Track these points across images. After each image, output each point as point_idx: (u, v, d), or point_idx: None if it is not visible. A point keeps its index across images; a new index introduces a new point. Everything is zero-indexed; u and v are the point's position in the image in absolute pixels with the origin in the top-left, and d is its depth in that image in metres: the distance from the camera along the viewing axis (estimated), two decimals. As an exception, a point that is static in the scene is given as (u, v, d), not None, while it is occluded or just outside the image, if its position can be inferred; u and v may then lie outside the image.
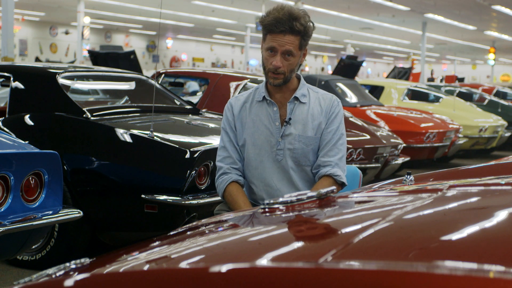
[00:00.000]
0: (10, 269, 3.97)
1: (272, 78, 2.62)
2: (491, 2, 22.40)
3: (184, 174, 3.72)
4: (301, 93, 2.70)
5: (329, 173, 2.64)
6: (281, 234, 1.37)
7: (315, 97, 2.73)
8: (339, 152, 2.68)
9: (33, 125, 4.25)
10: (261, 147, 2.69)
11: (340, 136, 2.71)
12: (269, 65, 2.61)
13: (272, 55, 2.59)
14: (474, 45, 37.51)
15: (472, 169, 2.58)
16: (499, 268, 0.91)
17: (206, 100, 6.24)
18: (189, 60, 39.56)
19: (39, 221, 3.10)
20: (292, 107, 2.69)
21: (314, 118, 2.69)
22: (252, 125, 2.71)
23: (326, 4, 23.88)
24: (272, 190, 2.70)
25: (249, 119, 2.72)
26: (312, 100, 2.71)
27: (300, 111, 2.69)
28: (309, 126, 2.68)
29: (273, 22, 2.55)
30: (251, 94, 2.77)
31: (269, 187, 2.71)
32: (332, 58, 49.29)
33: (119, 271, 1.23)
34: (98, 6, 25.78)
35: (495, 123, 10.55)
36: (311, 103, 2.71)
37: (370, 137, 6.52)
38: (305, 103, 2.70)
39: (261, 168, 2.70)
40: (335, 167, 2.65)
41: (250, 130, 2.71)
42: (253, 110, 2.73)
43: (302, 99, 2.70)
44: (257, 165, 2.71)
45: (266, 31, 2.59)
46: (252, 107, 2.73)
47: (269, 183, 2.70)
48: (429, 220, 1.29)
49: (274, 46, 2.57)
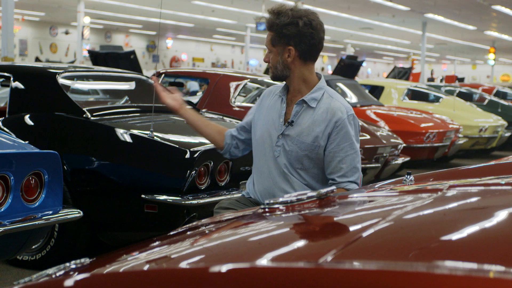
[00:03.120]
0: (10, 269, 3.97)
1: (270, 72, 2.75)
2: (491, 2, 22.39)
3: (184, 174, 3.72)
4: (311, 97, 2.66)
5: (347, 187, 2.63)
6: (281, 234, 1.37)
7: (326, 103, 2.65)
8: (357, 171, 2.65)
9: (33, 125, 4.25)
10: (265, 138, 2.74)
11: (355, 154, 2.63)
12: None
13: None
14: (474, 45, 37.50)
15: (472, 169, 2.57)
16: (499, 268, 0.91)
17: (206, 100, 6.24)
18: (189, 60, 39.55)
19: (39, 221, 3.10)
20: (298, 109, 2.67)
21: (315, 125, 2.63)
22: (265, 115, 2.77)
23: (326, 4, 23.88)
24: (270, 184, 2.72)
25: (265, 109, 2.79)
26: (322, 106, 2.64)
27: (305, 115, 2.66)
28: (309, 132, 2.64)
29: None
30: (280, 87, 2.81)
31: (266, 181, 2.74)
32: (332, 58, 49.27)
33: (119, 271, 1.23)
34: (98, 6, 25.78)
35: (495, 123, 10.55)
36: (319, 109, 2.64)
37: (370, 137, 6.51)
38: (313, 107, 2.65)
39: (264, 160, 2.75)
40: (353, 184, 2.65)
41: (262, 119, 2.78)
42: (271, 102, 2.79)
43: (311, 103, 2.65)
44: (260, 155, 2.76)
45: None
46: (272, 99, 2.79)
47: (267, 175, 2.74)
48: (429, 220, 1.29)
49: None
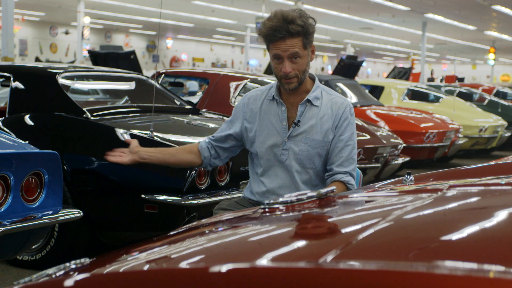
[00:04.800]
0: (10, 269, 3.97)
1: (286, 84, 2.65)
2: (491, 2, 22.40)
3: (184, 174, 3.72)
4: (314, 96, 2.70)
5: (343, 180, 2.67)
6: (281, 234, 1.37)
7: (327, 99, 2.72)
8: (354, 163, 2.71)
9: (33, 125, 4.24)
10: (267, 146, 2.72)
11: (354, 146, 2.72)
12: (279, 73, 2.63)
13: (279, 62, 2.62)
14: (474, 45, 37.51)
15: (472, 169, 2.57)
16: (499, 268, 0.91)
17: (206, 100, 6.24)
18: (189, 60, 39.54)
19: (39, 221, 3.10)
20: (303, 109, 2.70)
21: (323, 121, 2.69)
22: (261, 123, 2.75)
23: (326, 4, 23.88)
24: (274, 189, 2.72)
25: (259, 116, 2.76)
26: (324, 103, 2.71)
27: (311, 113, 2.69)
28: (317, 129, 2.68)
29: (270, 31, 2.58)
30: (266, 91, 2.79)
31: (272, 185, 2.73)
32: (332, 58, 49.27)
33: (119, 271, 1.23)
34: (98, 6, 25.78)
35: (495, 123, 10.55)
36: (322, 106, 2.70)
37: (370, 137, 6.51)
38: (317, 106, 2.70)
39: (266, 166, 2.74)
40: (349, 176, 2.69)
41: (259, 127, 2.75)
42: (264, 107, 2.76)
43: (315, 102, 2.70)
44: (263, 163, 2.74)
45: (267, 41, 2.62)
46: (264, 104, 2.77)
47: (273, 181, 2.73)
48: (429, 220, 1.29)
49: (278, 53, 2.60)
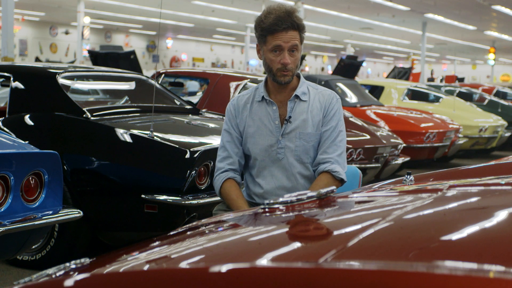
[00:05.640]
0: (10, 269, 3.97)
1: (282, 76, 2.64)
2: (491, 2, 22.39)
3: (184, 174, 3.72)
4: (301, 91, 2.72)
5: (327, 169, 2.66)
6: (281, 234, 1.37)
7: (314, 93, 2.75)
8: (338, 149, 2.70)
9: (33, 125, 4.24)
10: (262, 147, 2.71)
11: (339, 133, 2.72)
12: (277, 65, 2.62)
13: (277, 55, 2.61)
14: (474, 45, 37.49)
15: (472, 169, 2.57)
16: (499, 268, 0.91)
17: (206, 100, 6.24)
18: (189, 60, 39.53)
19: (39, 221, 3.10)
20: (293, 105, 2.72)
21: (314, 115, 2.71)
22: (253, 125, 2.74)
23: (326, 4, 23.85)
24: (272, 189, 2.71)
25: (249, 119, 2.75)
26: (312, 97, 2.74)
27: (301, 108, 2.71)
28: (309, 123, 2.70)
29: (275, 21, 2.57)
30: (252, 94, 2.79)
31: (269, 186, 2.72)
32: (332, 58, 49.27)
33: (119, 271, 1.23)
34: (98, 6, 25.77)
35: (495, 123, 10.55)
36: (311, 101, 2.73)
37: (370, 137, 6.52)
38: (305, 101, 2.72)
39: (262, 167, 2.73)
40: (334, 163, 2.67)
41: (251, 130, 2.74)
42: (253, 110, 2.75)
43: (303, 97, 2.72)
44: (258, 164, 2.73)
45: (267, 32, 2.60)
46: (253, 107, 2.76)
47: (269, 182, 2.72)
48: (429, 220, 1.29)
49: (279, 44, 2.59)
